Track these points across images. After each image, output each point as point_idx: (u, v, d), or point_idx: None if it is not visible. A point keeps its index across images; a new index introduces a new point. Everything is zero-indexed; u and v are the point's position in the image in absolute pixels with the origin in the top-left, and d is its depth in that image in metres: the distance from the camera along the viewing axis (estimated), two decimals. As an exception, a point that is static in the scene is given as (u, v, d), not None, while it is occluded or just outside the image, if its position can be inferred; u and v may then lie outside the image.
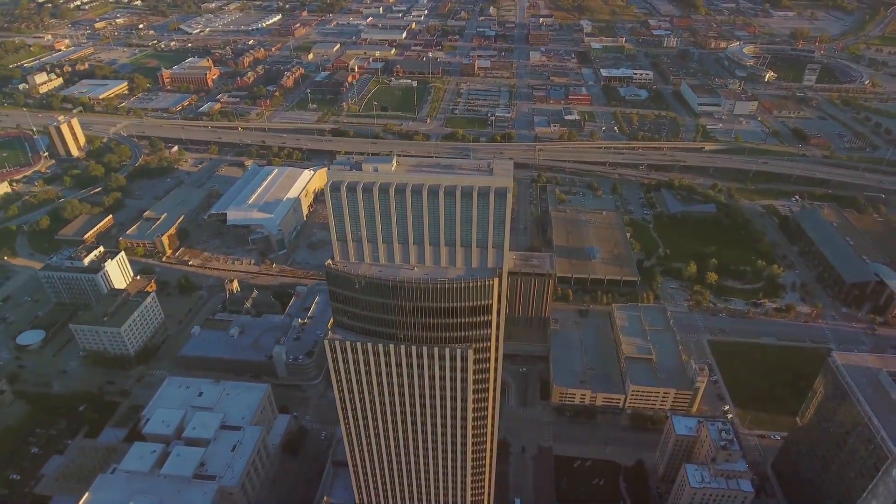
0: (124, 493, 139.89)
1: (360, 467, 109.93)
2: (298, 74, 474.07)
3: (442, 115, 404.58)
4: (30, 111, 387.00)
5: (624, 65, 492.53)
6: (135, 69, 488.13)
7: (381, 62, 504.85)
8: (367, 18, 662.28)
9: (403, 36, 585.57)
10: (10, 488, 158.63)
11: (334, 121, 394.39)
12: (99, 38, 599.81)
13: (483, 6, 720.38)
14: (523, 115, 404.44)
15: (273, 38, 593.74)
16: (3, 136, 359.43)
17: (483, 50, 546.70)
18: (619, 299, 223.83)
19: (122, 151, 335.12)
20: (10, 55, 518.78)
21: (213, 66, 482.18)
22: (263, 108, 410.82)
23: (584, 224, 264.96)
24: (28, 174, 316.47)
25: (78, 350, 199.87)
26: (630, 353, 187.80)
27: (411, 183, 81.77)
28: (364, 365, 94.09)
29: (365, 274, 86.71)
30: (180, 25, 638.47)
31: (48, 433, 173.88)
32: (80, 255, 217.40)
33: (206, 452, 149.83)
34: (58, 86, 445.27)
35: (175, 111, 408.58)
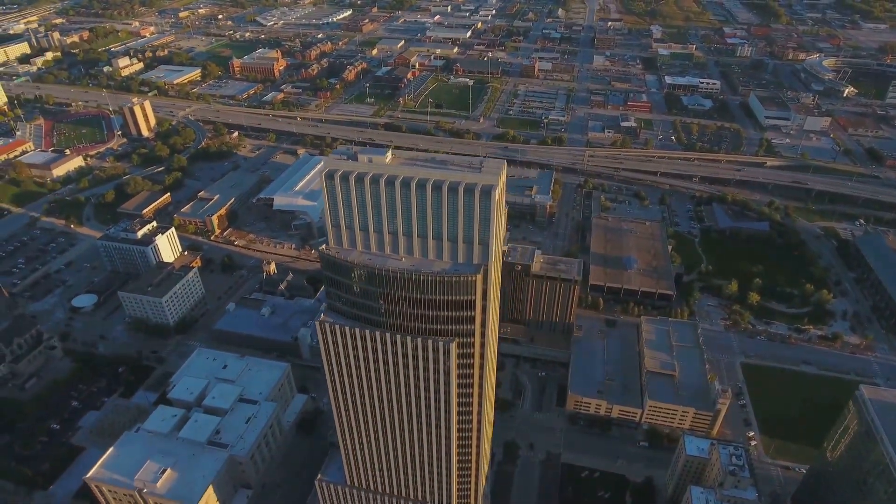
0: (145, 451, 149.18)
1: (349, 448, 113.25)
2: (360, 69, 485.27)
3: (495, 116, 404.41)
4: (109, 92, 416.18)
5: (691, 73, 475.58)
6: (209, 57, 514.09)
7: (441, 60, 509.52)
8: (434, 17, 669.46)
9: (468, 35, 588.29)
10: (50, 436, 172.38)
11: (389, 115, 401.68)
12: (181, 26, 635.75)
13: (552, 8, 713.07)
14: (578, 119, 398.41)
15: (341, 33, 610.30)
16: (84, 114, 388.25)
17: (546, 52, 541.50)
18: (652, 312, 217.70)
19: (188, 134, 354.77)
20: (100, 39, 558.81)
21: (281, 57, 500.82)
22: (323, 100, 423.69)
23: (624, 233, 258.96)
24: (102, 150, 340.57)
25: (124, 316, 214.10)
26: (652, 368, 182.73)
27: (402, 175, 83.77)
28: (353, 349, 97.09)
29: (354, 260, 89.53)
30: (256, 17, 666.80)
31: (89, 390, 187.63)
32: (134, 228, 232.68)
33: (221, 421, 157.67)
34: (138, 70, 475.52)
35: (241, 99, 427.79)
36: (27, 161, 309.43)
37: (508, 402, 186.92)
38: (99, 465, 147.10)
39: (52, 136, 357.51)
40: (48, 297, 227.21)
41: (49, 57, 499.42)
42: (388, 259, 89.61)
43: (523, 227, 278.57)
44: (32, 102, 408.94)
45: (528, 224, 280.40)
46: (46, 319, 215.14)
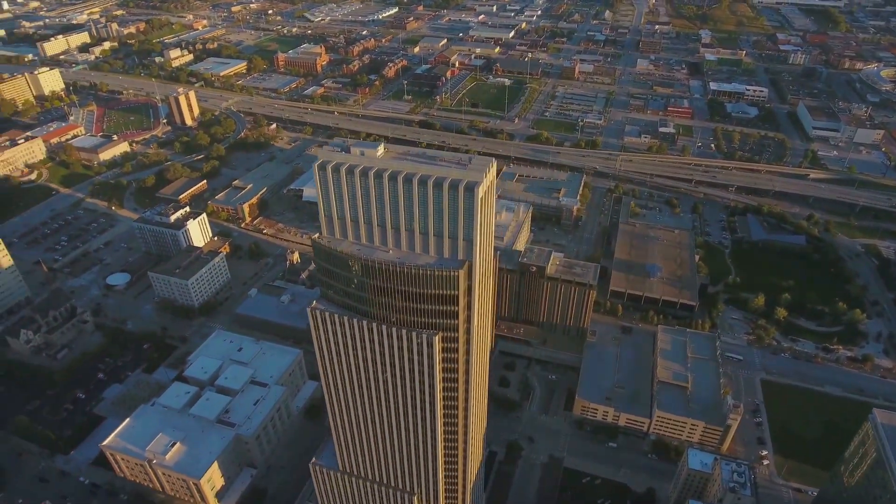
0: (157, 425, 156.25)
1: (340, 434, 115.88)
2: (400, 66, 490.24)
3: (531, 117, 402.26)
4: (159, 82, 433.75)
5: (738, 79, 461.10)
6: (256, 51, 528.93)
7: (482, 59, 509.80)
8: (478, 16, 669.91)
9: (510, 35, 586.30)
10: (75, 404, 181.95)
11: (424, 113, 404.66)
12: (233, 20, 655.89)
13: (599, 10, 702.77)
14: (615, 123, 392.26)
15: (385, 30, 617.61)
16: (134, 102, 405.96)
17: (588, 54, 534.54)
18: (672, 322, 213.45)
19: (228, 125, 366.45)
20: (155, 31, 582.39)
21: (324, 52, 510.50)
22: (361, 96, 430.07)
23: (651, 240, 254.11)
24: (147, 137, 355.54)
25: (153, 296, 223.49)
26: (664, 378, 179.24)
27: (391, 169, 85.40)
28: (342, 337, 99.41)
29: (344, 250, 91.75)
30: (305, 13, 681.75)
31: (115, 363, 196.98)
32: (167, 213, 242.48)
33: (231, 401, 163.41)
34: (188, 61, 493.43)
35: (282, 92, 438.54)
36: (77, 144, 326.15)
37: (516, 402, 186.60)
38: (114, 435, 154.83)
39: (103, 121, 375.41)
40: (86, 273, 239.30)
41: (107, 47, 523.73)
42: (376, 250, 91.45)
43: (548, 229, 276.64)
44: (87, 89, 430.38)
45: (554, 227, 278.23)
46: (82, 295, 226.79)
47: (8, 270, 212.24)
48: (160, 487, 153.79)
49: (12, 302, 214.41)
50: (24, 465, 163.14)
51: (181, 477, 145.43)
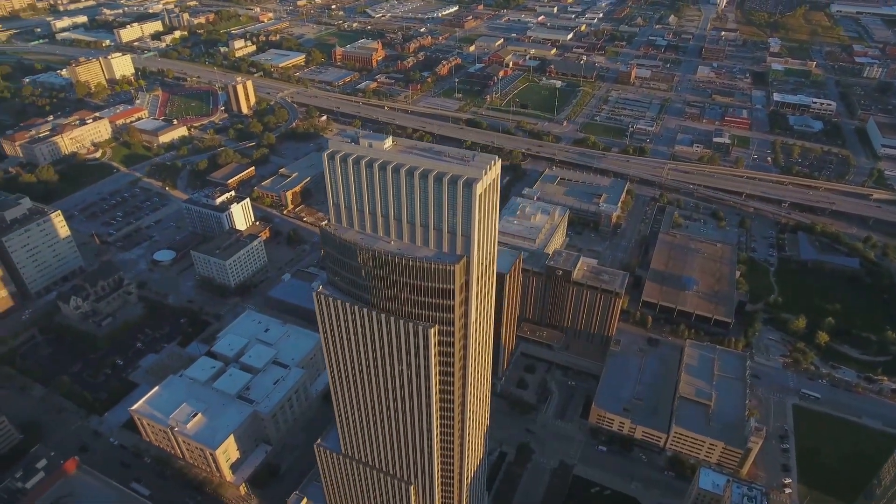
0: (182, 395, 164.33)
1: (343, 418, 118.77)
2: (454, 64, 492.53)
3: (581, 120, 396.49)
4: (221, 71, 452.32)
5: (805, 91, 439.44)
6: (316, 44, 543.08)
7: (536, 60, 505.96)
8: (538, 17, 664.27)
9: (569, 37, 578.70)
10: (113, 370, 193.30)
11: (473, 111, 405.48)
12: (297, 14, 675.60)
13: (663, 14, 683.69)
14: (668, 130, 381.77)
15: (443, 28, 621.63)
16: (196, 89, 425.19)
17: (647, 59, 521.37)
18: (704, 338, 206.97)
19: (281, 115, 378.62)
20: (223, 22, 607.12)
21: (381, 48, 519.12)
22: (412, 92, 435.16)
23: (690, 252, 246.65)
24: (204, 123, 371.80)
25: (195, 273, 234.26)
26: (686, 394, 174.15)
27: (395, 161, 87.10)
28: (344, 323, 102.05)
29: (349, 239, 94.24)
30: (367, 9, 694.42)
31: (153, 334, 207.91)
32: (214, 195, 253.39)
33: (252, 379, 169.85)
34: (251, 52, 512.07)
35: (336, 85, 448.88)
36: (140, 126, 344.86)
37: (532, 405, 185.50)
38: (143, 401, 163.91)
39: (167, 106, 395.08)
40: (136, 248, 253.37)
41: (177, 35, 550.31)
42: (378, 240, 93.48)
43: (586, 234, 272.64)
44: (155, 75, 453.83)
45: (591, 232, 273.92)
46: (130, 268, 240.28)
47: (65, 241, 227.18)
48: (180, 454, 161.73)
49: (67, 270, 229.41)
50: (63, 422, 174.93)
51: (199, 446, 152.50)
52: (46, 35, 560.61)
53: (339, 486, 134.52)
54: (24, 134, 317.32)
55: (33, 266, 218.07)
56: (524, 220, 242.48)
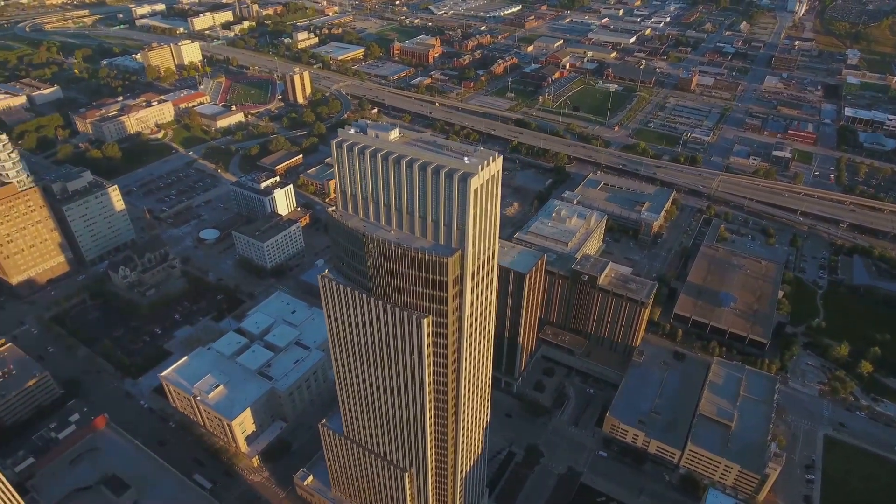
0: (208, 366, 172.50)
1: (345, 401, 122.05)
2: (510, 63, 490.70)
3: (633, 126, 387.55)
4: (281, 60, 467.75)
5: (881, 107, 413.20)
6: (376, 39, 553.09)
7: (594, 63, 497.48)
8: (602, 19, 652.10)
9: (631, 40, 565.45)
10: (151, 338, 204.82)
11: (523, 112, 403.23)
12: (362, 8, 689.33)
13: (735, 20, 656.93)
14: (724, 141, 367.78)
15: (503, 27, 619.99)
16: (256, 78, 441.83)
17: (712, 66, 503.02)
18: (736, 357, 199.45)
19: (334, 105, 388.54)
20: (290, 14, 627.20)
21: (438, 44, 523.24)
22: (465, 89, 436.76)
23: (731, 268, 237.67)
24: (261, 110, 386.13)
25: (235, 253, 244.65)
26: (706, 412, 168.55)
27: (397, 152, 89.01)
28: (346, 307, 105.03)
29: (351, 225, 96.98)
30: (430, 5, 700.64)
31: (191, 308, 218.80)
32: (259, 180, 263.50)
33: (273, 357, 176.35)
34: (313, 44, 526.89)
35: (391, 79, 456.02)
36: (200, 111, 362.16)
37: (546, 408, 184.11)
38: (172, 369, 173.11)
39: (228, 93, 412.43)
40: (184, 226, 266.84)
41: (245, 25, 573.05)
42: (379, 229, 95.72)
43: (624, 242, 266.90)
44: (220, 63, 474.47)
45: (630, 241, 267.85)
46: (177, 244, 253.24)
47: (120, 214, 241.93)
48: (202, 422, 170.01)
49: (120, 242, 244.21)
50: (100, 381, 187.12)
51: (218, 416, 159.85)
52: (127, 21, 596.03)
53: (340, 467, 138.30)
54: (94, 112, 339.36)
55: (89, 235, 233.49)
56: (559, 222, 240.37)
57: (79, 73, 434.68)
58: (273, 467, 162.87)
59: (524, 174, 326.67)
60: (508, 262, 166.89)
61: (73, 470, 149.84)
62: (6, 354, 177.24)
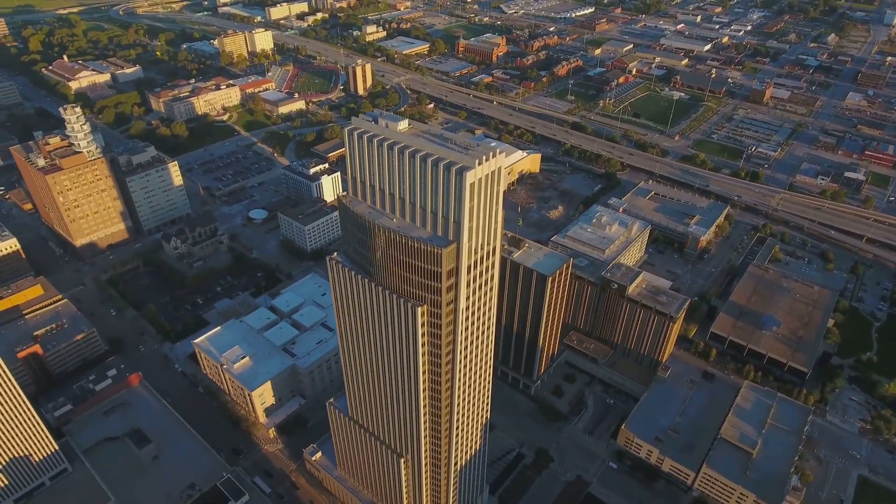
0: (237, 338, 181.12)
1: (349, 381, 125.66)
2: (574, 66, 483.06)
3: (695, 136, 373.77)
4: (347, 52, 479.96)
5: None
6: (442, 35, 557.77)
7: (662, 70, 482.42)
8: (677, 25, 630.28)
9: (705, 48, 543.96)
10: (193, 307, 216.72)
11: (581, 116, 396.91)
12: (432, 4, 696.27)
13: (822, 32, 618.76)
14: (792, 158, 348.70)
15: (573, 29, 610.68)
16: (322, 68, 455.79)
17: (790, 79, 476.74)
18: (772, 383, 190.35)
19: (392, 98, 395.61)
20: (362, 8, 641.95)
21: (504, 43, 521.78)
22: (524, 89, 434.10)
23: (780, 291, 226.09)
24: (322, 99, 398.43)
25: (279, 234, 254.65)
26: (728, 436, 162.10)
27: (403, 143, 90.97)
28: (351, 291, 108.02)
29: (357, 211, 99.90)
30: (501, 4, 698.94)
31: (232, 282, 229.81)
32: (309, 166, 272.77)
33: (299, 335, 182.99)
34: (380, 38, 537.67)
35: (453, 76, 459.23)
36: (264, 96, 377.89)
37: (562, 414, 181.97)
38: (205, 337, 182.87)
39: (293, 81, 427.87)
40: (236, 204, 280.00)
41: (318, 17, 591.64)
42: (382, 216, 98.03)
43: (668, 254, 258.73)
44: (290, 51, 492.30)
45: (675, 254, 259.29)
46: (227, 221, 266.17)
47: (178, 188, 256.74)
48: (227, 390, 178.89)
49: (176, 215, 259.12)
50: (142, 343, 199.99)
51: (240, 386, 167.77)
52: (211, 8, 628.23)
53: (345, 447, 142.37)
54: (168, 92, 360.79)
55: (148, 206, 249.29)
56: (598, 228, 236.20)
57: (160, 55, 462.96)
58: (287, 440, 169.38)
59: (574, 178, 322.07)
60: (533, 264, 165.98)
61: (105, 420, 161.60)
62: (60, 309, 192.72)
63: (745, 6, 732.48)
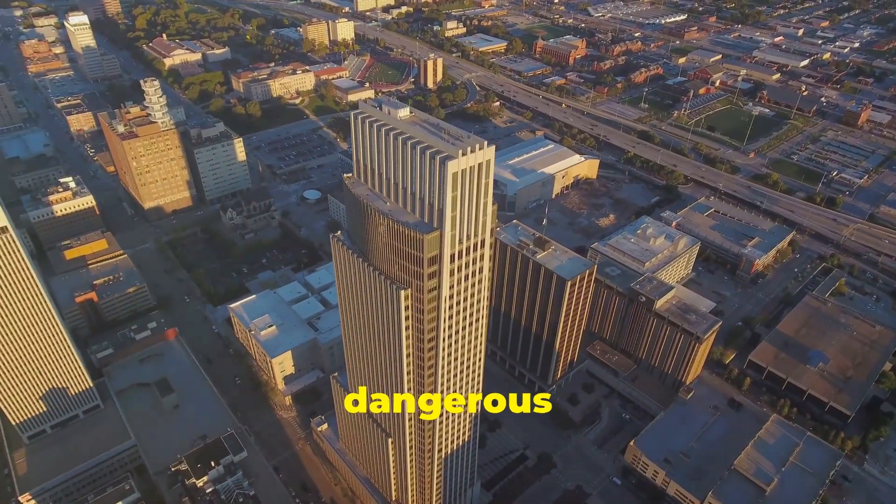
0: (267, 308, 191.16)
1: (348, 357, 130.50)
2: (653, 73, 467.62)
3: (773, 155, 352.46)
4: (423, 45, 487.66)
5: None
6: (523, 35, 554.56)
7: (749, 83, 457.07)
8: (776, 37, 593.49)
9: (802, 63, 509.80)
10: (238, 275, 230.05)
11: (652, 125, 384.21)
12: (518, 3, 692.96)
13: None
14: (880, 186, 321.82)
15: (660, 35, 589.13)
16: (397, 59, 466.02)
17: (893, 102, 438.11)
18: (808, 423, 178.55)
19: (459, 94, 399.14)
20: (447, 3, 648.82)
21: (583, 46, 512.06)
22: (596, 94, 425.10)
23: (835, 326, 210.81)
24: (392, 90, 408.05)
25: (328, 216, 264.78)
26: (742, 468, 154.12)
27: (399, 129, 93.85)
28: (348, 269, 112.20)
29: (355, 192, 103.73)
30: (588, 6, 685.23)
31: (277, 256, 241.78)
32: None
33: (324, 312, 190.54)
34: (460, 34, 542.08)
35: (525, 76, 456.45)
36: (336, 84, 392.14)
37: (573, 422, 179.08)
38: (239, 303, 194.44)
39: (368, 71, 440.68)
40: (294, 184, 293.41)
41: (403, 10, 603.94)
42: (378, 199, 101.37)
43: (718, 275, 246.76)
44: (369, 42, 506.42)
45: (726, 275, 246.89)
46: (282, 199, 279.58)
47: (240, 164, 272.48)
48: (254, 355, 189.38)
49: (236, 188, 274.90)
50: (186, 303, 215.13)
51: (263, 352, 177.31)
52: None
53: (345, 421, 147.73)
54: (248, 74, 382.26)
55: (212, 178, 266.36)
56: (642, 240, 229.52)
57: (249, 39, 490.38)
58: (301, 409, 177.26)
59: (631, 188, 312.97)
60: (554, 266, 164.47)
61: (139, 367, 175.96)
62: (119, 263, 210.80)
63: (857, 21, 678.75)
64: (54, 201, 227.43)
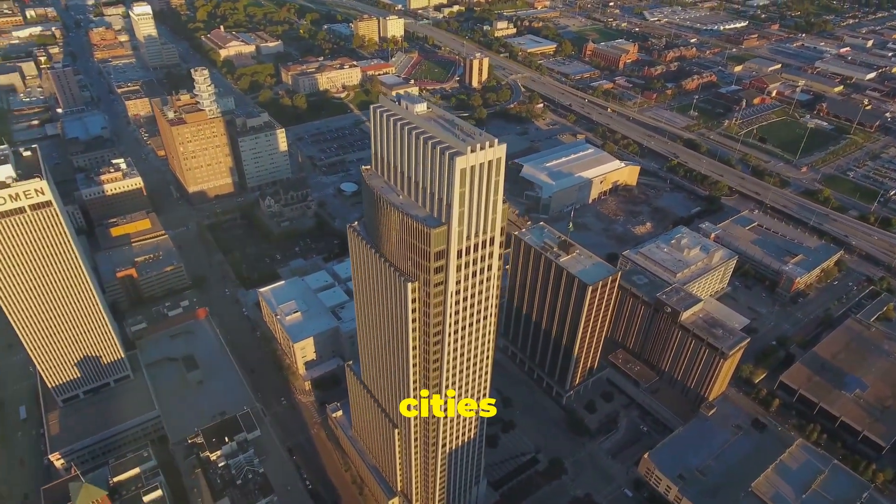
0: (294, 294, 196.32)
1: (361, 346, 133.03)
2: (706, 80, 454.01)
3: (827, 171, 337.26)
4: (472, 45, 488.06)
5: None
6: (574, 37, 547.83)
7: (809, 95, 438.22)
8: (841, 48, 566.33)
9: (868, 76, 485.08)
10: (272, 261, 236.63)
11: (700, 133, 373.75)
12: (572, 5, 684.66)
13: None
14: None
15: (717, 42, 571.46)
16: (444, 58, 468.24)
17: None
18: (836, 450, 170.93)
19: (503, 94, 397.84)
20: (499, 3, 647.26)
21: (634, 51, 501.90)
22: (644, 99, 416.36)
23: (877, 352, 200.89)
24: (436, 88, 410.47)
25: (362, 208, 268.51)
26: (759, 491, 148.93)
27: (414, 123, 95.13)
28: (362, 259, 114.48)
29: (371, 184, 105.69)
30: (644, 10, 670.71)
31: (310, 245, 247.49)
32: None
33: (348, 301, 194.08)
34: (510, 34, 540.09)
35: (572, 78, 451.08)
36: (382, 79, 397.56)
37: (589, 430, 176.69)
38: (268, 288, 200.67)
39: (414, 68, 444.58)
40: (332, 176, 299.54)
41: (455, 9, 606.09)
42: (392, 192, 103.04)
43: (756, 291, 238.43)
44: (419, 40, 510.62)
45: (764, 292, 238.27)
46: (320, 189, 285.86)
47: (282, 154, 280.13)
48: (279, 339, 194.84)
49: (277, 177, 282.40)
50: (220, 285, 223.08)
51: (286, 336, 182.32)
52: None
53: (357, 408, 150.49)
54: (297, 67, 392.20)
55: (254, 166, 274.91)
56: (676, 250, 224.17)
57: (302, 33, 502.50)
58: (319, 395, 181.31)
59: (672, 196, 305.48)
60: (577, 271, 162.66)
61: (170, 342, 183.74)
62: (160, 243, 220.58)
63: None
64: (105, 181, 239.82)
